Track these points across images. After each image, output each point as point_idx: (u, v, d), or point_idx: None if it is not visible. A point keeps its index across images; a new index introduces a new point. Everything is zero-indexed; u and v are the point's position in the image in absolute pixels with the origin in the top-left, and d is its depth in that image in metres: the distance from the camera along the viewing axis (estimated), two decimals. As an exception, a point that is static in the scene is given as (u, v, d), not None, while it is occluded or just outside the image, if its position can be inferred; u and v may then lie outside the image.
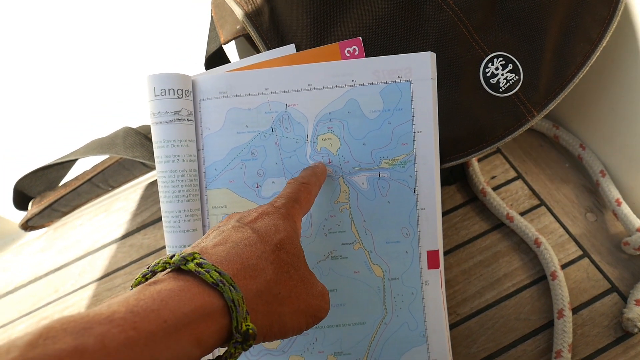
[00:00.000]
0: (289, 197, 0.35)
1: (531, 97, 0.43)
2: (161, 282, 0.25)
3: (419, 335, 0.43)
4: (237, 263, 0.28)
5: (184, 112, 0.40)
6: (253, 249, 0.29)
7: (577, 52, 0.44)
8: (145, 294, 0.23)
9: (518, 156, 0.61)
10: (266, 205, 0.33)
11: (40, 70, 0.60)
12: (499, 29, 0.43)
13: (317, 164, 0.41)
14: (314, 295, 0.31)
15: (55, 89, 0.62)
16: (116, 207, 0.66)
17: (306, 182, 0.37)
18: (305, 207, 0.36)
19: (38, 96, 0.62)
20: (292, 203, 0.34)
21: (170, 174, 0.40)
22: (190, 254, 0.26)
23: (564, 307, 0.48)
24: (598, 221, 0.55)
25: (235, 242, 0.29)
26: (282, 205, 0.33)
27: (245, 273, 0.27)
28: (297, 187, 0.36)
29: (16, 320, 0.58)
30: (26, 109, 0.62)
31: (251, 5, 0.45)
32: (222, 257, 0.28)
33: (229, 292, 0.25)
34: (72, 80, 0.62)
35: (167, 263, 0.26)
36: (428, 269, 0.42)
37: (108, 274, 0.60)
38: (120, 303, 0.22)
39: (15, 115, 0.63)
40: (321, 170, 0.40)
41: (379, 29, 0.42)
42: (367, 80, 0.41)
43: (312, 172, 0.39)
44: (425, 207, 0.42)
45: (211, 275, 0.25)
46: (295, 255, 0.31)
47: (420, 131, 0.41)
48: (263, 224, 0.31)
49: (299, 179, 0.38)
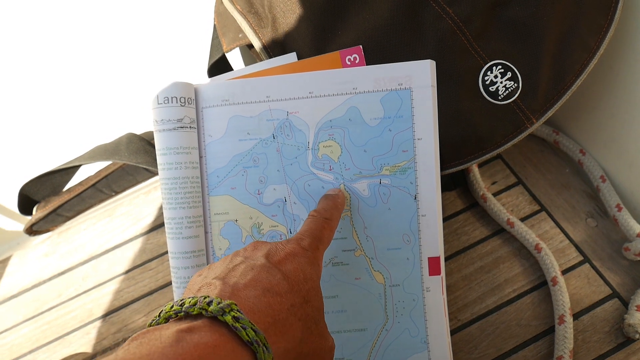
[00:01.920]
0: (314, 236, 0.34)
1: (530, 104, 0.44)
2: (197, 332, 0.24)
3: (420, 342, 0.43)
4: (268, 315, 0.27)
5: (187, 119, 0.41)
6: (283, 299, 0.29)
7: (575, 60, 0.44)
8: (184, 347, 0.23)
9: (518, 162, 0.61)
10: (293, 244, 0.33)
11: (45, 76, 0.60)
12: (497, 38, 0.43)
13: (338, 194, 0.41)
14: (325, 351, 0.32)
15: (60, 95, 0.63)
16: (119, 212, 0.66)
17: (329, 217, 0.37)
18: (327, 245, 0.36)
19: (43, 102, 0.63)
20: (317, 243, 0.34)
21: (173, 180, 0.40)
22: (228, 305, 0.26)
23: (564, 312, 0.48)
24: (599, 227, 0.55)
25: (266, 287, 0.29)
26: (308, 246, 0.33)
27: (276, 329, 0.27)
28: (321, 224, 0.36)
29: (20, 324, 0.59)
30: (31, 115, 0.63)
31: (253, 15, 0.45)
32: (255, 306, 0.27)
33: (262, 353, 0.25)
34: (77, 87, 0.62)
35: (204, 309, 0.26)
36: (429, 276, 0.43)
37: (111, 278, 0.60)
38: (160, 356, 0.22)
39: (21, 121, 0.63)
40: (342, 202, 0.40)
41: (379, 37, 0.43)
42: (367, 88, 0.41)
43: (334, 205, 0.39)
44: (426, 213, 0.42)
45: (247, 334, 0.25)
46: (317, 309, 0.31)
47: (421, 138, 0.41)
48: (292, 269, 0.31)
49: (322, 213, 0.37)
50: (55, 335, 0.57)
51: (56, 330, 0.58)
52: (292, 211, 0.42)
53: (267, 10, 0.45)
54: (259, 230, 0.42)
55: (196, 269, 0.41)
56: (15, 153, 0.66)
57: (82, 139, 0.62)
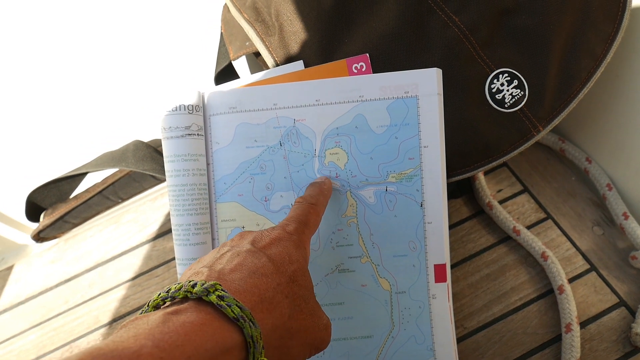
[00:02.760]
0: (299, 221, 0.35)
1: (536, 112, 0.44)
2: (183, 313, 0.25)
3: (426, 349, 0.43)
4: (254, 295, 0.28)
5: (195, 127, 0.41)
6: (269, 279, 0.29)
7: (582, 67, 0.44)
8: (170, 326, 0.23)
9: (524, 169, 0.61)
10: (278, 229, 0.34)
11: (53, 84, 0.61)
12: (504, 46, 0.44)
13: (324, 180, 0.41)
14: (319, 328, 0.32)
15: (67, 103, 0.63)
16: (126, 219, 0.67)
17: (314, 202, 0.37)
18: (314, 229, 0.36)
19: (50, 111, 0.63)
20: (302, 227, 0.35)
21: (181, 187, 0.41)
22: (212, 285, 0.26)
23: (571, 321, 0.48)
24: (605, 235, 0.55)
25: (251, 269, 0.29)
26: (294, 231, 0.34)
27: (263, 306, 0.28)
28: (306, 208, 0.37)
29: (27, 331, 0.59)
30: (39, 123, 0.64)
31: (260, 24, 0.46)
32: (240, 287, 0.28)
33: (249, 328, 0.25)
34: (84, 95, 0.63)
35: (189, 292, 0.26)
36: (435, 283, 0.43)
37: (117, 285, 0.61)
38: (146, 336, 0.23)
39: (28, 129, 0.64)
40: (327, 188, 0.41)
41: (385, 46, 0.43)
42: (374, 96, 0.41)
43: (319, 190, 0.39)
44: (432, 220, 0.42)
45: (232, 310, 0.25)
46: (306, 288, 0.32)
47: (427, 146, 0.41)
48: (277, 252, 0.31)
49: (307, 198, 0.38)
50: (62, 342, 0.57)
51: (63, 336, 0.58)
52: (298, 218, 0.42)
53: (274, 18, 0.46)
54: (265, 237, 0.43)
55: (203, 275, 0.41)
56: (23, 161, 0.66)
57: (89, 147, 0.62)
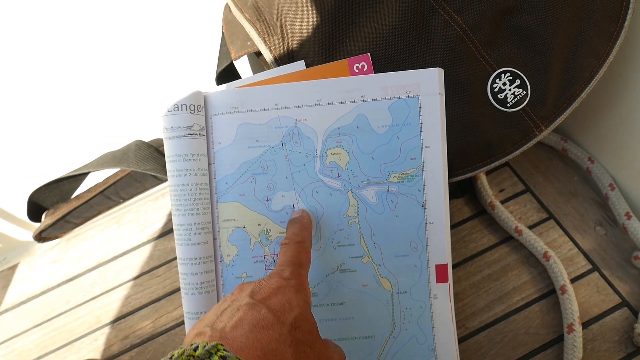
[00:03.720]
0: (293, 263, 0.35)
1: (539, 112, 0.44)
2: None
3: (427, 349, 0.43)
4: (257, 349, 0.28)
5: (196, 127, 0.41)
6: (270, 331, 0.29)
7: (585, 67, 0.44)
8: None
9: (526, 169, 0.61)
10: (275, 277, 0.34)
11: (53, 84, 0.61)
12: (506, 45, 0.44)
13: (301, 214, 0.41)
14: None
15: (68, 103, 0.63)
16: (127, 219, 0.67)
17: (301, 240, 0.38)
18: (308, 267, 0.37)
19: (51, 110, 0.63)
20: (298, 269, 0.35)
21: (182, 187, 0.41)
22: (213, 346, 0.26)
23: (573, 321, 0.47)
24: (608, 235, 0.55)
25: (252, 324, 0.29)
26: (290, 275, 0.34)
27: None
28: (295, 249, 0.37)
29: (29, 331, 0.59)
30: (40, 123, 0.64)
31: (262, 23, 0.46)
32: (243, 344, 0.28)
33: None
34: (85, 94, 0.63)
35: (191, 356, 0.26)
36: (437, 283, 0.42)
37: (119, 285, 0.61)
38: None
39: (30, 129, 0.64)
40: (308, 222, 0.41)
41: (387, 45, 0.43)
42: (375, 96, 0.41)
43: (301, 226, 0.40)
44: (434, 221, 0.42)
45: None
46: (309, 333, 0.32)
47: (429, 146, 0.41)
48: (277, 301, 0.31)
49: (293, 237, 0.38)
50: (63, 342, 0.57)
51: (65, 336, 0.58)
52: (300, 218, 0.42)
53: (275, 18, 0.45)
54: (267, 236, 0.43)
55: (205, 275, 0.41)
56: (25, 161, 0.66)
57: (90, 147, 0.62)
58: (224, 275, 0.43)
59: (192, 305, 0.41)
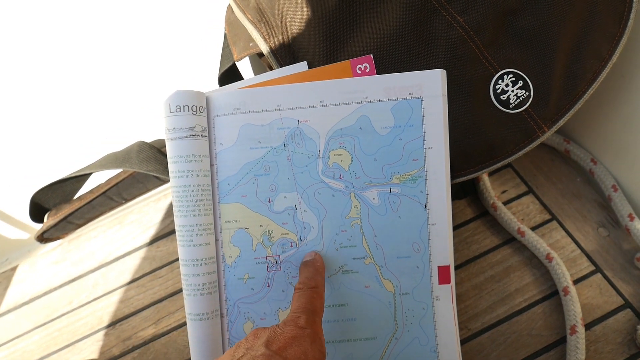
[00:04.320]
0: (307, 310, 0.35)
1: (541, 113, 0.44)
2: None
3: (429, 351, 0.43)
4: None
5: (198, 128, 0.41)
6: None
7: (587, 68, 0.44)
8: None
9: (529, 170, 0.61)
10: (291, 326, 0.33)
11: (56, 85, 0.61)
12: (509, 46, 0.44)
13: (315, 258, 0.41)
14: None
15: (71, 104, 0.63)
16: (129, 219, 0.67)
17: (314, 285, 0.38)
18: (322, 313, 0.37)
19: (54, 111, 0.63)
20: (312, 317, 0.35)
21: (184, 188, 0.41)
22: None
23: (576, 323, 0.47)
24: (610, 236, 0.55)
25: None
26: (306, 324, 0.34)
27: None
28: (309, 294, 0.37)
29: (31, 331, 0.59)
30: (43, 123, 0.64)
31: (264, 25, 0.46)
32: None
33: None
34: (87, 95, 0.63)
35: None
36: (439, 284, 0.42)
37: (121, 286, 0.61)
38: None
39: (32, 129, 0.64)
40: (321, 265, 0.41)
41: (389, 46, 0.43)
42: (378, 97, 0.41)
43: (315, 270, 0.40)
44: (436, 222, 0.42)
45: None
46: None
47: (431, 147, 0.41)
48: (294, 353, 0.31)
49: (307, 282, 0.38)
50: (65, 342, 0.57)
51: (67, 337, 0.58)
52: (302, 219, 0.42)
53: (277, 19, 0.46)
54: (269, 238, 0.42)
55: (207, 276, 0.41)
56: (27, 161, 0.67)
57: (93, 147, 0.63)
58: (226, 276, 0.43)
59: (195, 307, 0.41)
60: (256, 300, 0.43)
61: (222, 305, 0.43)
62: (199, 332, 0.41)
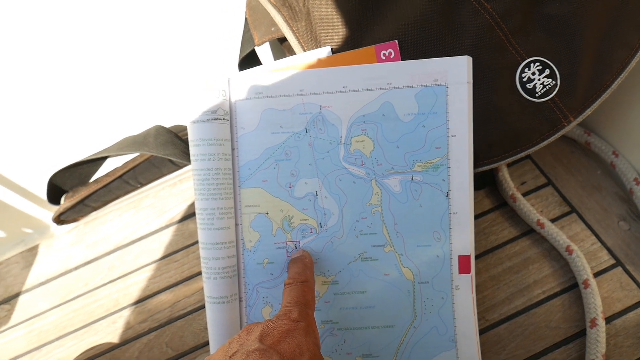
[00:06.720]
0: (300, 304, 0.35)
1: (568, 102, 0.43)
2: None
3: (448, 340, 0.43)
4: None
5: (221, 111, 0.41)
6: None
7: (616, 58, 0.43)
8: None
9: (548, 162, 0.60)
10: (283, 319, 0.33)
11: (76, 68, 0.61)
12: (536, 34, 0.43)
13: (303, 254, 0.41)
14: None
15: (91, 87, 0.63)
16: (145, 203, 0.67)
17: (304, 279, 0.38)
18: (314, 305, 0.37)
19: (74, 95, 0.63)
20: (305, 310, 0.35)
21: (206, 171, 0.41)
22: None
23: (597, 316, 0.47)
24: (632, 230, 0.54)
25: None
26: (299, 317, 0.34)
27: None
28: (300, 288, 0.37)
29: (48, 311, 0.60)
30: (62, 107, 0.64)
31: (288, 9, 0.45)
32: None
33: None
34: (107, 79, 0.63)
35: None
36: (459, 274, 0.42)
37: (137, 269, 0.61)
38: None
39: (52, 113, 0.64)
40: (309, 260, 0.41)
41: (415, 32, 0.42)
42: (402, 84, 0.41)
43: (304, 266, 0.39)
44: (458, 211, 0.41)
45: None
46: None
47: (455, 135, 0.41)
48: (287, 346, 0.31)
49: (296, 277, 0.38)
50: (82, 323, 0.58)
51: (83, 318, 0.58)
52: (322, 205, 0.42)
53: (301, 4, 0.45)
54: (289, 223, 0.42)
55: (226, 260, 0.41)
56: (46, 144, 0.67)
57: (110, 131, 0.63)
58: (245, 260, 0.43)
59: (214, 290, 0.41)
60: (275, 285, 0.43)
61: (241, 290, 0.43)
62: (218, 315, 0.41)
